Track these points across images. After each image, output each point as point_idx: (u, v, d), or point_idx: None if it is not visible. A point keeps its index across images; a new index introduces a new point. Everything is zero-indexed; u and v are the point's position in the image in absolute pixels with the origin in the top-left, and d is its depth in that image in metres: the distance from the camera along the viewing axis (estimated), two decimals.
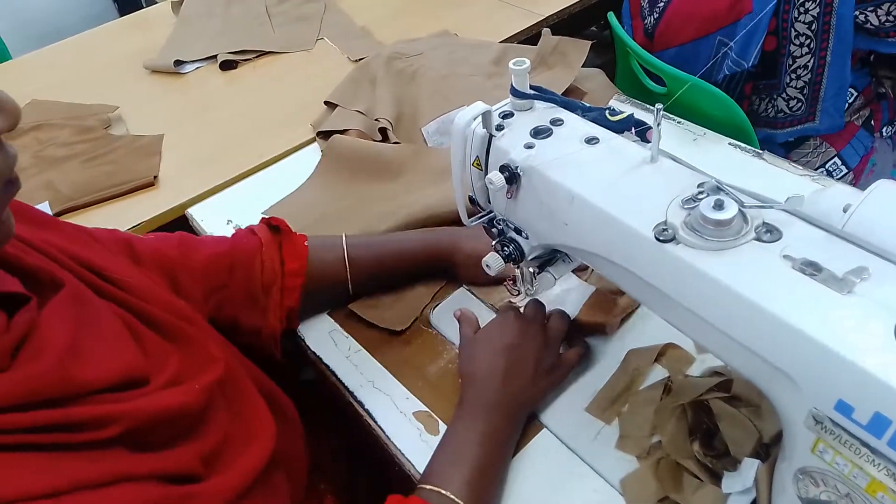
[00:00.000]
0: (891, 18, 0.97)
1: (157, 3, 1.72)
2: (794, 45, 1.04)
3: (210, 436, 0.52)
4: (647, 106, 1.03)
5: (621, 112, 0.59)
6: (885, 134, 1.16)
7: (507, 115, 0.60)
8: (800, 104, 1.11)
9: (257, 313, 0.72)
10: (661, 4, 1.16)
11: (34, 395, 0.41)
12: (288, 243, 0.75)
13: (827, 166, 1.15)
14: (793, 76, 1.08)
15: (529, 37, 1.32)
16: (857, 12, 0.98)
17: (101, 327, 0.49)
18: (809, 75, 1.06)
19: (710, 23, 1.09)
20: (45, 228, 0.56)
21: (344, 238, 0.77)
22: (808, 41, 1.03)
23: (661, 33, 1.18)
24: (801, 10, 1.00)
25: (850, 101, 1.10)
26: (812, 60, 1.05)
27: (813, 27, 1.01)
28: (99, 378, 0.45)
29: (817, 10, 0.99)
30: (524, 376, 0.64)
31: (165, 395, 0.49)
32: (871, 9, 0.98)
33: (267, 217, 0.77)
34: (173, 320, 0.56)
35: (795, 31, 1.03)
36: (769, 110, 1.15)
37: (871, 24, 0.99)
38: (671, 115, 1.01)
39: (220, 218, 0.98)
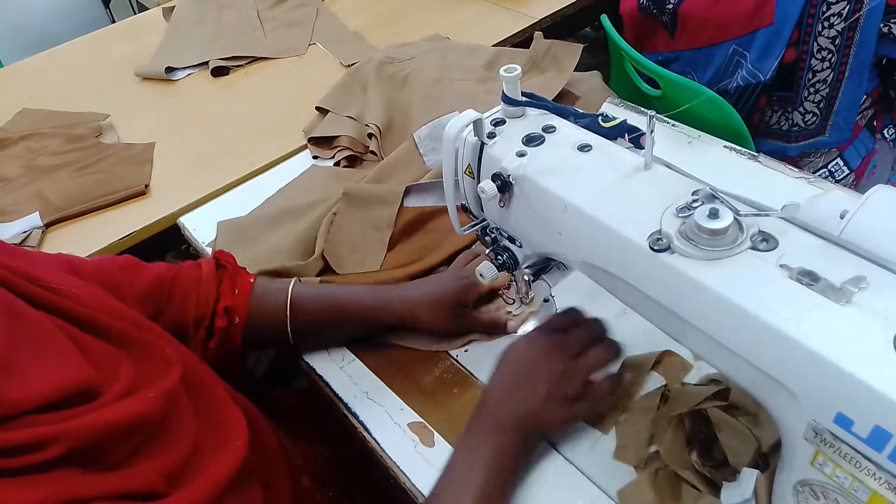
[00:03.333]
0: None
1: (148, 9, 1.71)
2: (816, 59, 1.02)
3: (175, 447, 0.50)
4: (642, 109, 1.03)
5: (614, 118, 0.58)
6: (886, 135, 1.15)
7: (498, 123, 0.59)
8: (815, 118, 1.09)
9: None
10: (671, 6, 1.13)
11: None
12: (229, 281, 0.72)
13: (829, 167, 1.14)
14: (811, 90, 1.06)
15: (522, 40, 1.32)
16: (881, 24, 0.97)
17: (39, 340, 0.46)
18: (827, 90, 1.05)
19: (726, 30, 1.06)
20: None
21: (292, 284, 0.73)
22: (829, 55, 1.00)
23: (680, 35, 1.15)
24: (826, 24, 0.98)
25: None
26: (831, 75, 1.03)
27: (836, 42, 0.99)
28: (34, 396, 0.43)
29: (842, 24, 0.97)
30: (533, 399, 0.60)
31: (116, 407, 0.46)
32: (895, 20, 0.97)
33: (219, 251, 0.75)
34: (122, 326, 0.54)
35: (818, 45, 1.00)
36: (782, 123, 1.13)
37: (893, 34, 0.98)
38: (665, 119, 1.00)
39: (212, 227, 0.96)
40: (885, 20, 0.97)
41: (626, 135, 0.58)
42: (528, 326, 0.75)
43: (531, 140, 0.57)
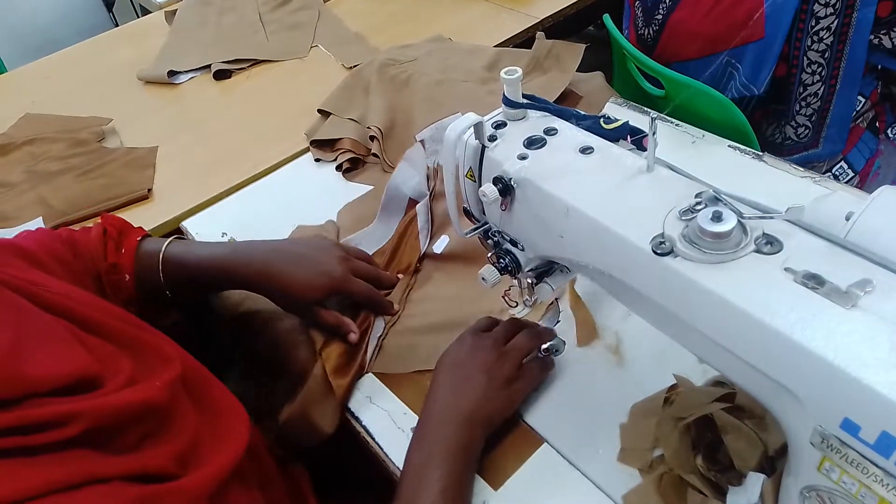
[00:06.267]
0: None
1: (150, 13, 1.71)
2: (806, 73, 1.02)
3: (181, 435, 0.51)
4: (645, 109, 1.02)
5: (616, 120, 0.58)
6: (890, 135, 1.15)
7: (499, 125, 0.59)
8: (807, 131, 1.10)
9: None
10: (660, 17, 1.13)
11: None
12: (114, 241, 0.74)
13: (834, 170, 1.14)
14: (802, 104, 1.06)
15: (525, 40, 1.31)
16: (871, 36, 0.97)
17: (45, 333, 0.48)
18: (819, 103, 1.05)
19: (717, 43, 1.06)
20: None
21: (168, 240, 0.76)
22: (819, 69, 1.01)
23: (663, 47, 1.16)
24: (815, 38, 0.98)
25: (857, 108, 1.09)
26: (822, 88, 1.03)
27: (826, 55, 0.99)
28: (49, 376, 0.44)
29: (831, 38, 0.97)
30: (475, 390, 0.63)
31: (126, 392, 0.48)
32: (885, 31, 0.97)
33: (106, 215, 0.78)
34: (120, 326, 0.55)
35: (808, 59, 1.01)
36: (777, 136, 1.13)
37: (885, 46, 0.98)
38: (669, 118, 1.00)
39: (214, 230, 0.97)
40: (874, 32, 0.97)
41: (629, 136, 0.57)
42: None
43: (532, 143, 0.56)
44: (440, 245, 0.86)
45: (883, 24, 0.96)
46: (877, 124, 1.14)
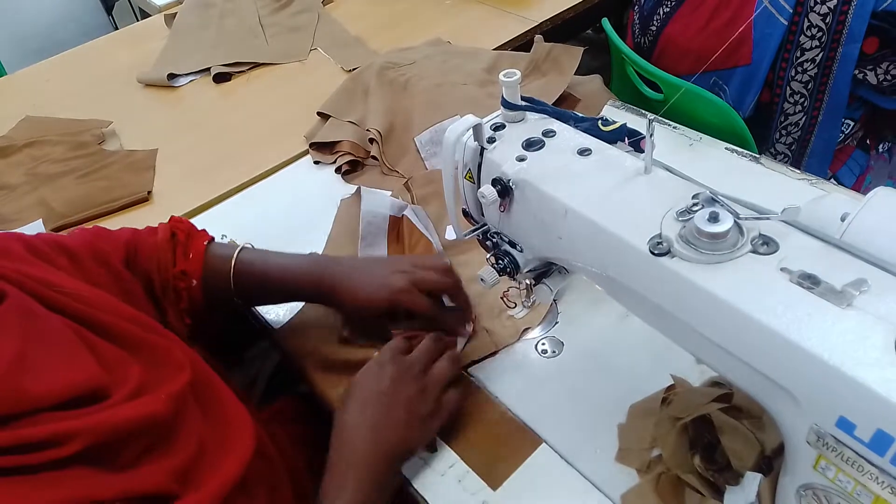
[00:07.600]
0: (889, 77, 0.97)
1: (150, 16, 1.71)
2: (789, 102, 1.03)
3: (183, 448, 0.50)
4: (643, 112, 1.03)
5: (614, 122, 0.58)
6: (881, 150, 1.15)
7: (498, 127, 0.59)
8: (787, 160, 1.11)
9: (157, 310, 0.71)
10: (654, 28, 1.14)
11: None
12: (181, 248, 0.73)
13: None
14: (783, 132, 1.08)
15: (524, 43, 1.32)
16: (856, 71, 0.98)
17: (52, 341, 0.47)
18: (800, 133, 1.06)
19: (705, 62, 1.07)
20: None
21: (239, 248, 0.75)
22: (801, 99, 1.02)
23: (657, 59, 1.16)
24: (799, 69, 0.99)
25: (846, 131, 1.09)
26: (804, 119, 1.04)
27: (809, 86, 1.00)
28: (52, 392, 0.43)
29: (815, 70, 0.98)
30: (395, 427, 0.61)
31: (128, 406, 0.47)
32: (871, 68, 0.98)
33: (174, 217, 0.77)
34: (133, 329, 0.54)
35: (791, 88, 1.02)
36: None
37: (870, 82, 0.99)
38: (667, 121, 1.00)
39: (214, 232, 0.96)
40: (859, 67, 0.98)
41: (626, 138, 0.58)
42: (536, 332, 0.75)
43: (531, 144, 0.57)
44: (450, 234, 0.87)
45: (869, 59, 0.97)
46: (867, 141, 1.14)
